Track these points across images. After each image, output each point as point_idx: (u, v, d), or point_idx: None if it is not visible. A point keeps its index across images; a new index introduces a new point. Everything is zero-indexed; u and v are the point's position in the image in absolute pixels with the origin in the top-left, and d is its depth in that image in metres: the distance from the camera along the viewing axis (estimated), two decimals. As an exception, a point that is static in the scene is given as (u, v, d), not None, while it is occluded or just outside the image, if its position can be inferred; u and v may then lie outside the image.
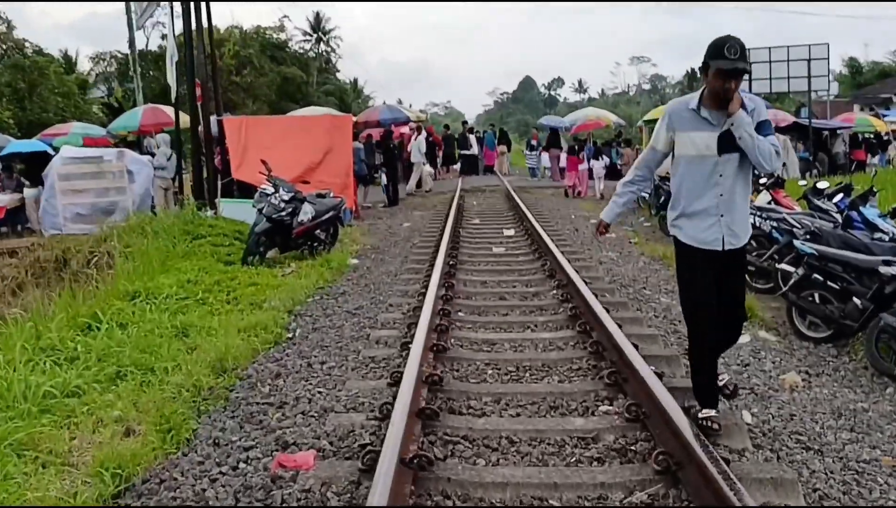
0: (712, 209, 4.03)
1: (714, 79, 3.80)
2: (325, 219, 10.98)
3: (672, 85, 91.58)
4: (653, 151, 4.32)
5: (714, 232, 4.05)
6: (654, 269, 9.65)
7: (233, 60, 41.31)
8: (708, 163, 3.97)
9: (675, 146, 4.11)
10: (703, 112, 3.95)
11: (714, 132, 3.93)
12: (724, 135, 3.91)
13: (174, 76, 14.79)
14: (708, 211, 4.04)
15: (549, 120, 31.19)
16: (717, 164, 3.96)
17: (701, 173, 4.01)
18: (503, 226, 12.81)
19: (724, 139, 3.91)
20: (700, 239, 4.10)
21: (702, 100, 3.98)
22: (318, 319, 6.99)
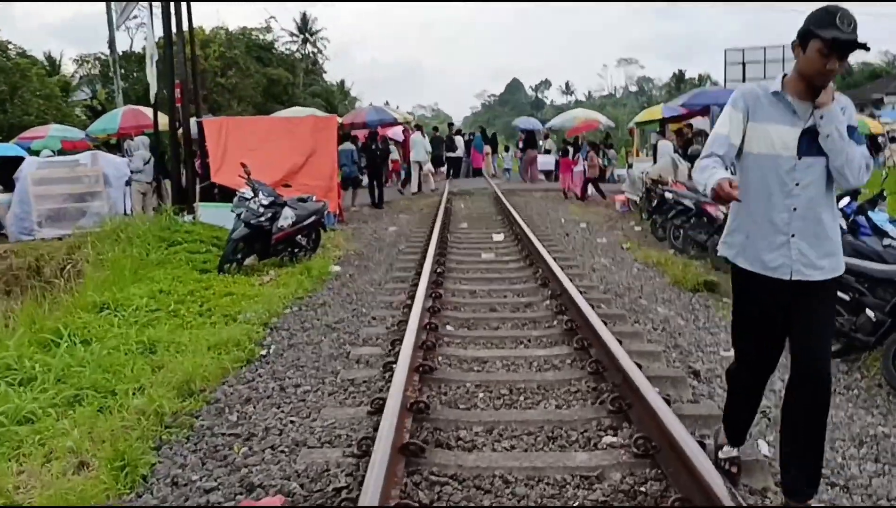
0: (782, 225, 3.18)
1: (815, 55, 3.00)
2: (306, 225, 10.49)
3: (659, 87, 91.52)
4: (726, 143, 3.26)
5: (780, 255, 3.19)
6: (649, 277, 9.23)
7: (218, 62, 40.72)
8: (783, 165, 3.16)
9: (743, 140, 3.26)
10: (787, 98, 3.16)
11: (796, 127, 3.14)
12: (807, 133, 3.13)
13: (154, 76, 14.25)
14: (776, 227, 3.19)
15: (523, 122, 30.84)
16: (794, 169, 3.14)
17: (772, 178, 3.17)
18: (492, 231, 12.36)
19: (806, 137, 3.13)
20: (761, 262, 3.24)
21: (785, 85, 3.20)
22: (295, 334, 6.50)
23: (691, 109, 17.53)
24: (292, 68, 49.80)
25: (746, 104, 3.26)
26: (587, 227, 13.50)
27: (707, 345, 6.40)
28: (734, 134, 3.26)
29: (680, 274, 9.00)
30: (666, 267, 9.75)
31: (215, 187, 13.62)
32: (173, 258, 10.21)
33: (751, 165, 3.26)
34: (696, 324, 7.11)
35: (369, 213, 16.52)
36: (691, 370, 5.44)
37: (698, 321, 7.25)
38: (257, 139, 13.95)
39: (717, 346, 6.44)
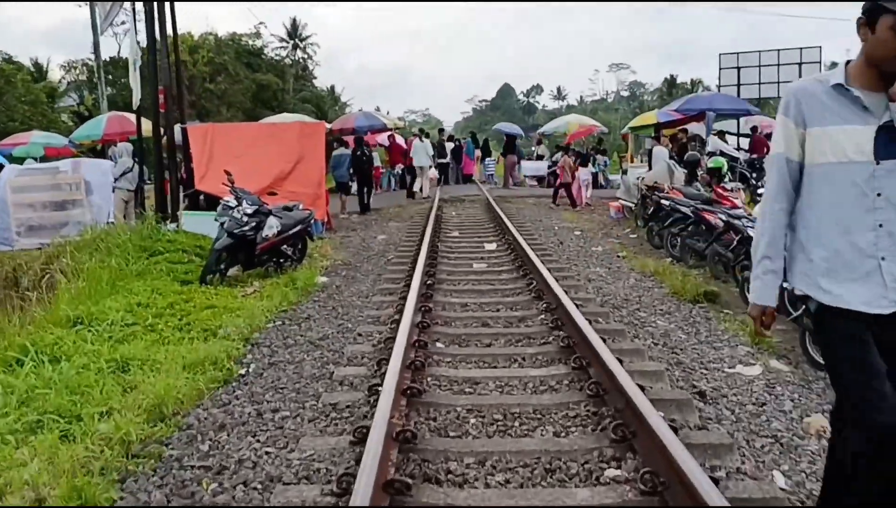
0: (867, 248, 2.61)
1: (887, 35, 2.48)
2: (292, 234, 10.15)
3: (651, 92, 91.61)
4: (785, 163, 2.76)
5: (872, 286, 2.61)
6: (647, 287, 8.92)
7: (206, 67, 40.41)
8: (858, 173, 2.60)
9: (804, 150, 2.73)
10: (853, 91, 2.61)
11: (869, 125, 2.58)
12: (884, 130, 2.57)
13: (137, 82, 13.88)
14: (861, 251, 2.62)
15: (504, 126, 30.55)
16: (873, 176, 2.58)
17: (847, 191, 2.62)
18: (484, 240, 12.04)
19: (884, 136, 2.57)
20: (850, 297, 2.63)
21: (849, 75, 2.65)
22: (277, 351, 6.15)
23: (686, 114, 17.29)
24: (282, 74, 49.54)
25: (800, 107, 2.70)
26: (581, 235, 13.20)
27: (710, 361, 6.10)
28: (791, 149, 2.74)
29: (679, 285, 8.70)
30: (664, 276, 9.45)
31: (201, 195, 13.27)
32: (154, 269, 9.85)
33: (818, 180, 2.69)
34: (697, 338, 6.80)
35: (358, 221, 16.18)
36: (696, 390, 5.13)
37: (700, 334, 6.95)
38: (243, 146, 13.61)
39: (721, 363, 6.13)
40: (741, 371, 6.02)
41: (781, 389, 5.53)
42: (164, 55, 13.41)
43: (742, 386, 5.53)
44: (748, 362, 6.25)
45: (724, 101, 17.52)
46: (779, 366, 6.22)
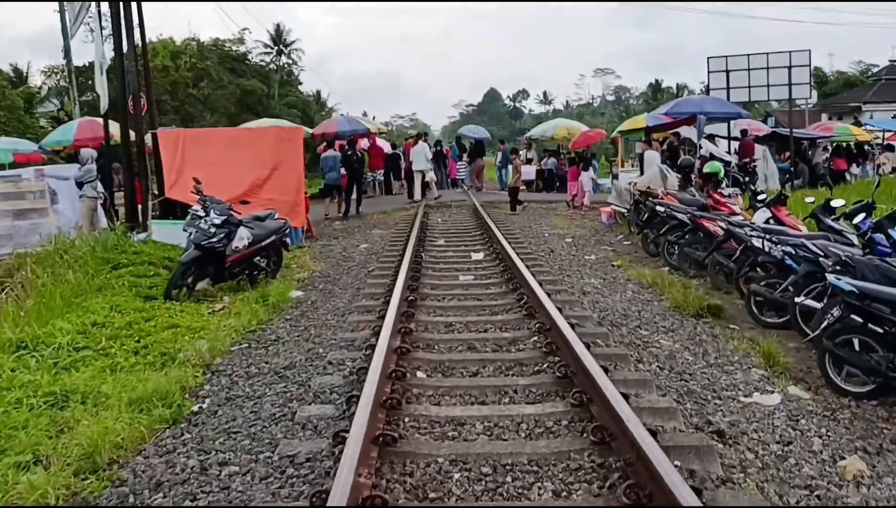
0: None
1: None
2: (265, 245, 9.40)
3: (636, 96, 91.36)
4: None
5: None
6: (645, 300, 8.24)
7: (189, 73, 39.52)
8: None
9: None
10: None
11: None
12: None
13: (104, 86, 13.09)
14: None
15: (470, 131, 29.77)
16: None
17: None
18: (471, 249, 11.32)
19: None
20: None
21: None
22: (237, 382, 5.41)
23: (676, 118, 16.66)
24: (267, 79, 48.73)
25: None
26: (573, 242, 12.51)
27: (724, 389, 5.41)
28: None
29: (680, 298, 8.03)
30: (663, 288, 8.78)
31: (170, 203, 12.49)
32: (116, 283, 9.06)
33: None
34: (706, 360, 6.12)
35: (341, 228, 15.42)
36: (714, 429, 4.43)
37: (708, 355, 6.27)
38: (216, 152, 12.84)
39: (736, 390, 5.45)
40: (759, 400, 5.34)
41: (806, 422, 4.86)
42: (132, 58, 12.62)
43: (762, 419, 4.85)
44: (765, 389, 5.57)
45: (713, 105, 16.90)
46: (798, 393, 5.55)
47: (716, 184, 10.96)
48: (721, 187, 10.96)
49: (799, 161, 19.45)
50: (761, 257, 7.79)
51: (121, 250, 10.48)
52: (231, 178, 12.65)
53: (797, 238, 7.48)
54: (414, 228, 12.83)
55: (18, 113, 30.54)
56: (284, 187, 12.94)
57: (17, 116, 30.36)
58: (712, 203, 10.93)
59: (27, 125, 30.42)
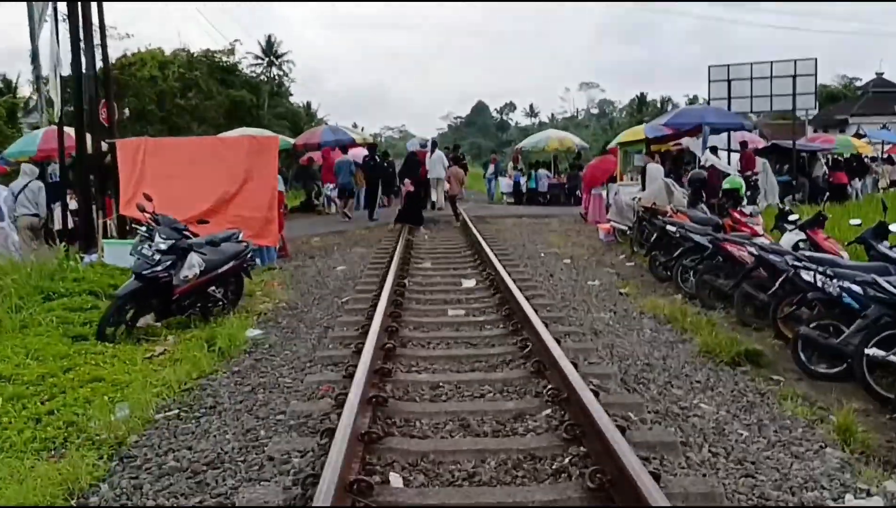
0: None
1: None
2: (221, 273, 7.77)
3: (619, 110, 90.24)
4: None
5: None
6: (668, 342, 6.67)
7: (177, 83, 37.86)
8: None
9: None
10: None
11: None
12: None
13: (57, 90, 11.43)
14: None
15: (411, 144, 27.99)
16: None
17: None
18: (461, 273, 9.71)
19: None
20: None
21: None
22: (142, 485, 3.76)
23: (677, 129, 15.18)
24: (256, 90, 47.08)
25: None
26: (572, 264, 10.94)
27: (803, 487, 3.83)
28: None
29: (709, 339, 6.47)
30: (685, 324, 7.22)
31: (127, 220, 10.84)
32: (43, 318, 7.39)
33: None
34: (763, 435, 4.54)
35: (319, 246, 13.75)
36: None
37: (764, 426, 4.69)
38: (180, 164, 11.17)
39: (819, 487, 3.87)
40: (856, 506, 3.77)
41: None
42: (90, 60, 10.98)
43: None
44: (856, 487, 4.00)
45: (716, 115, 15.47)
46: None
47: (735, 202, 9.42)
48: (742, 205, 9.42)
49: (798, 174, 18.00)
50: (812, 293, 6.22)
51: (59, 277, 8.80)
52: (195, 193, 11.00)
53: (858, 270, 5.92)
54: (398, 247, 11.22)
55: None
56: (256, 202, 11.28)
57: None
58: (731, 223, 9.41)
59: (6, 135, 28.56)
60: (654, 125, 16.58)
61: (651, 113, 61.32)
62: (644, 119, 58.56)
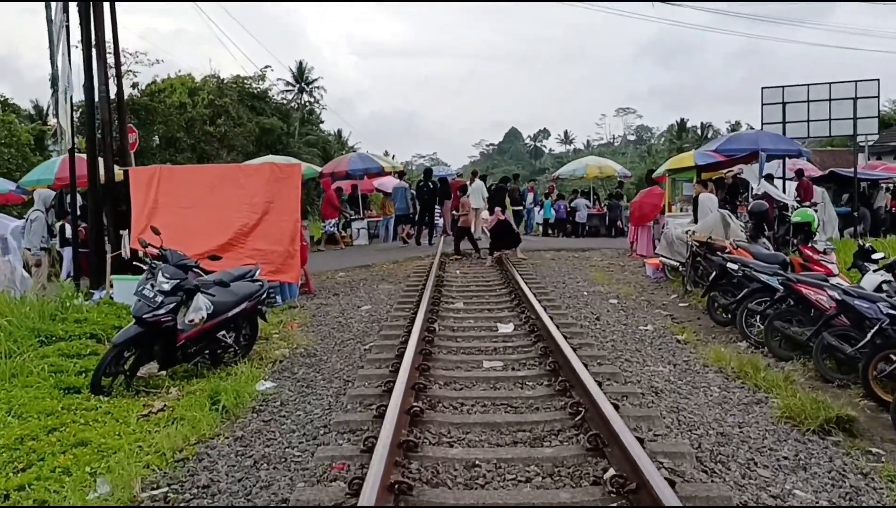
0: None
1: None
2: (232, 316, 7.11)
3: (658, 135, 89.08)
4: None
5: None
6: (742, 403, 5.81)
7: (207, 109, 38.03)
8: None
9: None
10: None
11: None
12: None
13: (67, 114, 11.05)
14: None
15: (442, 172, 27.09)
16: None
17: None
18: (496, 316, 8.95)
19: None
20: None
21: None
22: None
23: (729, 155, 14.31)
24: (287, 117, 47.22)
25: None
26: (619, 304, 10.11)
27: None
28: None
29: (792, 401, 5.61)
30: (756, 379, 6.36)
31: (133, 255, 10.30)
32: (36, 366, 6.80)
33: None
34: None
35: (344, 281, 13.10)
36: None
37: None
38: (197, 193, 10.68)
39: None
40: None
41: None
42: (104, 82, 10.58)
43: None
44: None
45: (770, 141, 14.55)
46: None
47: (806, 237, 8.54)
48: (814, 240, 8.53)
49: (860, 205, 16.93)
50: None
51: (61, 317, 8.27)
52: (213, 225, 10.50)
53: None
54: (427, 284, 10.50)
55: (24, 150, 28.91)
56: (276, 235, 10.70)
57: (23, 154, 28.73)
58: (800, 260, 8.53)
59: (32, 163, 28.72)
60: (704, 151, 15.72)
61: (691, 139, 60.20)
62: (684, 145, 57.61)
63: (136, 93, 35.24)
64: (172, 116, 34.97)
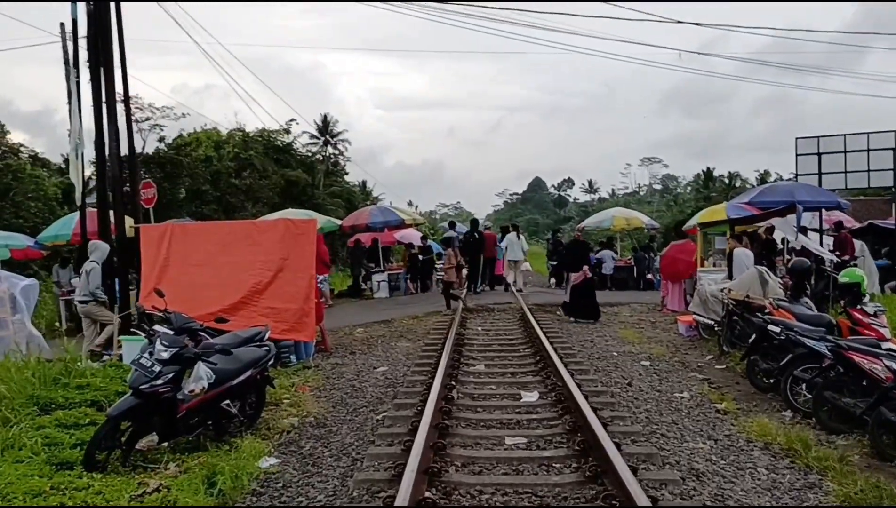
0: None
1: None
2: (236, 384, 6.69)
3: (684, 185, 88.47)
4: None
5: None
6: (792, 487, 5.21)
7: (232, 162, 38.48)
8: None
9: None
10: None
11: None
12: None
13: (79, 172, 10.95)
14: None
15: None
16: None
17: None
18: (519, 381, 8.43)
19: None
20: None
21: None
22: None
23: (764, 208, 13.78)
24: (312, 169, 47.66)
25: None
26: (651, 366, 9.53)
27: None
28: None
29: (850, 487, 5.02)
30: (807, 458, 5.76)
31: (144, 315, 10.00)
32: (30, 438, 6.42)
33: None
34: None
35: (362, 338, 12.67)
36: None
37: None
38: (209, 251, 10.42)
39: None
40: None
41: None
42: (114, 138, 10.47)
43: None
44: None
45: (807, 193, 14.03)
46: None
47: (855, 299, 7.95)
48: (863, 302, 7.94)
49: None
50: None
51: (63, 382, 7.92)
52: (226, 283, 10.22)
53: None
54: (447, 344, 10.03)
55: (51, 204, 29.22)
56: (291, 293, 10.35)
57: (50, 207, 29.03)
58: (850, 323, 7.93)
59: (59, 216, 29.02)
60: (736, 204, 15.20)
61: (719, 188, 59.41)
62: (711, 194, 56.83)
63: (164, 147, 35.77)
64: (198, 169, 35.30)
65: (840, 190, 15.95)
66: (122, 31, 10.99)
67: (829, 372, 7.01)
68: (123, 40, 11.00)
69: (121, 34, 10.96)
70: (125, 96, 11.25)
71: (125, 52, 11.01)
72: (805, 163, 15.33)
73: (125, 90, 11.13)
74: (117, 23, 10.96)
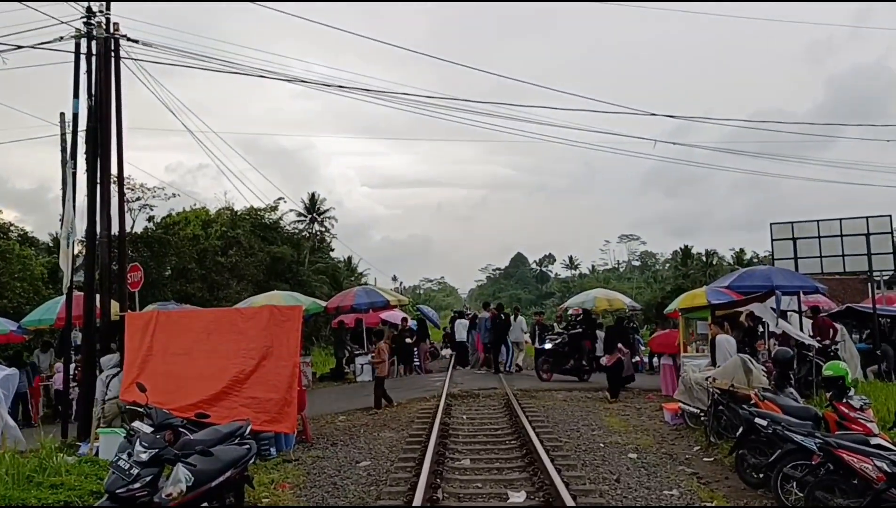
0: None
1: None
2: (216, 485, 6.41)
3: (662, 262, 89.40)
4: None
5: None
6: None
7: (219, 240, 38.46)
8: None
9: None
10: None
11: None
12: None
13: (69, 260, 10.82)
14: None
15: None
16: None
17: None
18: (506, 478, 8.16)
19: None
20: None
21: None
22: None
23: (743, 293, 13.85)
24: (298, 246, 47.76)
25: None
26: (638, 459, 9.30)
27: None
28: None
29: None
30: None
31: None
32: (-5, 546, 6.07)
33: None
34: None
35: (344, 427, 12.32)
36: None
37: None
38: (192, 339, 10.24)
39: None
40: None
41: None
42: (106, 227, 10.40)
43: None
44: None
45: (784, 278, 14.17)
46: None
47: (840, 392, 7.87)
48: (849, 396, 7.86)
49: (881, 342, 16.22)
50: None
51: (37, 480, 7.56)
52: (209, 372, 10.03)
53: None
54: (431, 436, 9.77)
55: (37, 284, 28.80)
56: (274, 382, 10.12)
57: (35, 288, 28.60)
58: (836, 417, 7.83)
59: (45, 297, 28.56)
60: (715, 288, 15.28)
61: (696, 265, 60.06)
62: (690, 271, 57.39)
63: (152, 226, 35.72)
64: (185, 248, 35.17)
65: (816, 274, 16.11)
66: (120, 120, 11.11)
67: (819, 470, 6.84)
68: (122, 128, 11.11)
69: (119, 122, 11.07)
70: (119, 179, 11.25)
71: (123, 137, 11.12)
72: (781, 247, 15.56)
73: (119, 173, 11.14)
74: (116, 113, 11.08)
